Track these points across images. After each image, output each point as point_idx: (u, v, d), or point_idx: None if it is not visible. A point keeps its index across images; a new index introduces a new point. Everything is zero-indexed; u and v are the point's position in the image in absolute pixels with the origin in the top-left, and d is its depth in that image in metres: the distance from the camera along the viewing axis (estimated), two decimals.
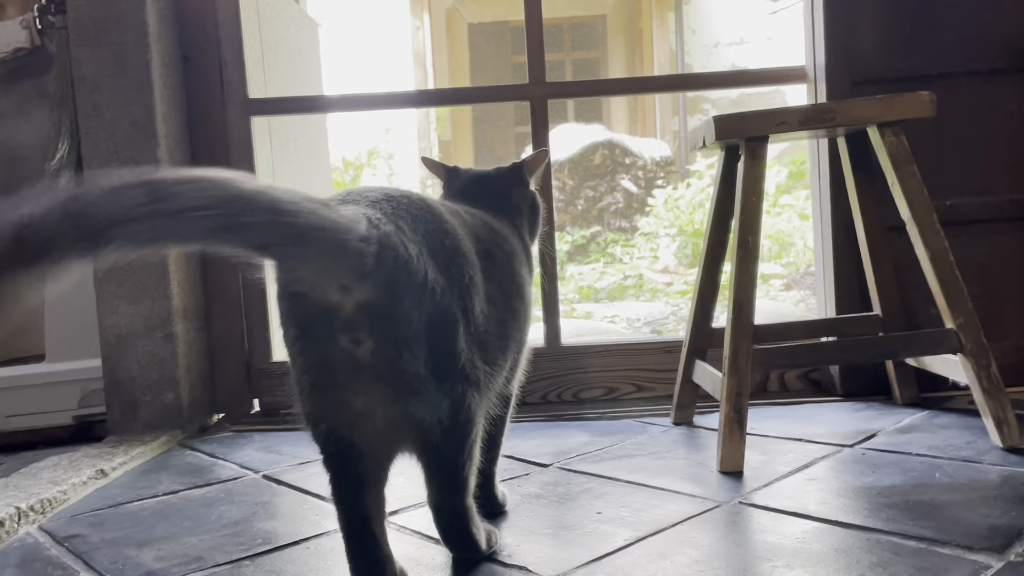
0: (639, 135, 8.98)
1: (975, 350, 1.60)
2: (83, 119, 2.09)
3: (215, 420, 2.27)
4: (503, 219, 1.38)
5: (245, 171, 2.20)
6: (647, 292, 5.25)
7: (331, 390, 1.02)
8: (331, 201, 1.03)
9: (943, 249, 1.63)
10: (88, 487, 1.71)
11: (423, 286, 0.99)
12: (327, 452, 1.08)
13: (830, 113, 1.64)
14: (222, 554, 1.29)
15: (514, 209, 1.43)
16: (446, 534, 1.16)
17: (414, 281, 0.98)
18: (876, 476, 1.45)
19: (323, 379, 1.02)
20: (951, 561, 1.08)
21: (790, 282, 4.74)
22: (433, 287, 1.01)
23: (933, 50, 2.02)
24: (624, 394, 2.21)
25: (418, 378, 1.01)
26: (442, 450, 1.08)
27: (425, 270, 1.00)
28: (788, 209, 5.55)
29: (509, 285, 1.23)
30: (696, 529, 1.26)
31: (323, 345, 0.99)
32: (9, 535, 1.45)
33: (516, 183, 1.46)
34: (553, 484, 1.54)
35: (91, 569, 1.27)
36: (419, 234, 1.02)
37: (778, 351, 1.65)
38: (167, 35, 2.15)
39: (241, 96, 2.24)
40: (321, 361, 1.01)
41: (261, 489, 1.63)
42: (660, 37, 9.29)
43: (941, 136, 2.01)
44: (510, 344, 1.22)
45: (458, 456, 1.09)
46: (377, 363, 0.99)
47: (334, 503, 1.09)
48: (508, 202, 1.43)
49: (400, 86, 8.15)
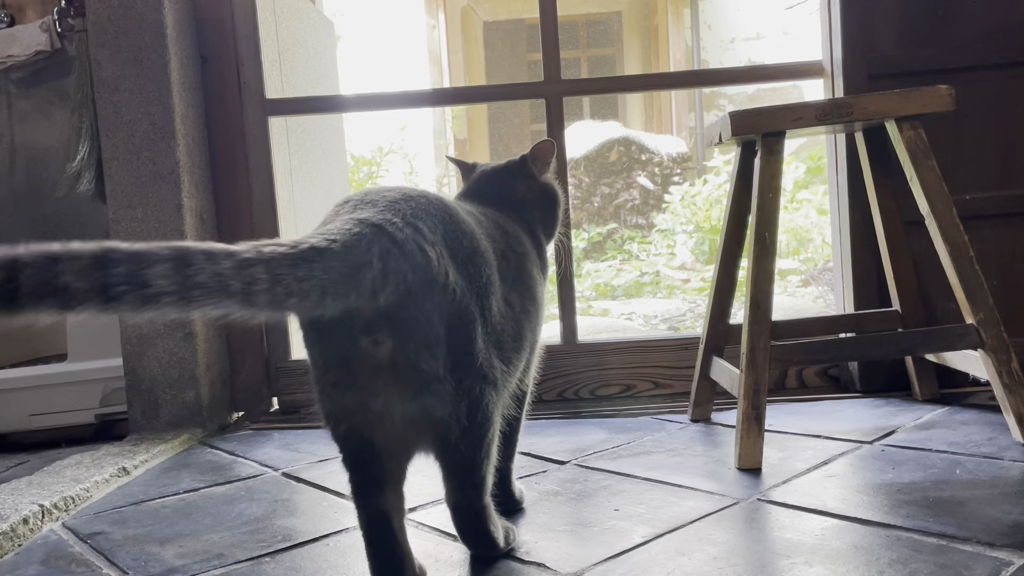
0: (655, 131, 8.95)
1: (995, 345, 1.59)
2: (103, 120, 2.12)
3: (234, 418, 2.29)
4: (513, 217, 1.37)
5: (263, 171, 2.24)
6: (664, 289, 5.23)
7: (350, 390, 1.03)
8: (346, 204, 1.05)
9: (963, 243, 1.62)
10: (110, 485, 1.73)
11: (444, 288, 1.00)
12: (347, 451, 1.09)
13: (847, 108, 1.63)
14: (242, 551, 1.30)
15: (521, 204, 1.41)
16: (464, 532, 1.16)
17: (435, 284, 0.99)
18: (896, 472, 1.44)
19: (343, 379, 1.03)
20: (972, 558, 1.07)
21: (808, 278, 4.71)
22: (454, 288, 1.01)
23: (951, 43, 2.01)
24: (641, 391, 2.21)
25: (437, 378, 1.01)
26: (460, 449, 1.08)
27: (446, 271, 1.00)
28: (806, 204, 5.51)
29: (522, 286, 1.23)
30: (714, 526, 1.26)
31: (343, 346, 1.00)
32: (33, 532, 1.46)
33: (520, 176, 1.44)
34: (571, 481, 1.54)
35: (114, 566, 1.28)
36: (439, 235, 1.02)
37: (796, 347, 1.65)
38: (185, 36, 2.17)
39: (258, 96, 2.25)
40: (341, 361, 1.02)
41: (281, 486, 1.65)
42: (676, 33, 9.25)
43: (960, 130, 1.99)
44: (524, 344, 1.23)
45: (476, 455, 1.09)
46: (396, 364, 1.00)
47: (353, 501, 1.10)
48: (514, 197, 1.41)
49: (416, 85, 8.16)
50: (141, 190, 2.11)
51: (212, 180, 2.26)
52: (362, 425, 1.05)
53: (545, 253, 1.45)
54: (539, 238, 1.43)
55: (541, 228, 1.44)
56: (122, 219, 2.11)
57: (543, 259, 1.42)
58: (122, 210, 2.12)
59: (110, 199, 2.12)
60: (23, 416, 2.23)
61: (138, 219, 2.11)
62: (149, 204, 2.11)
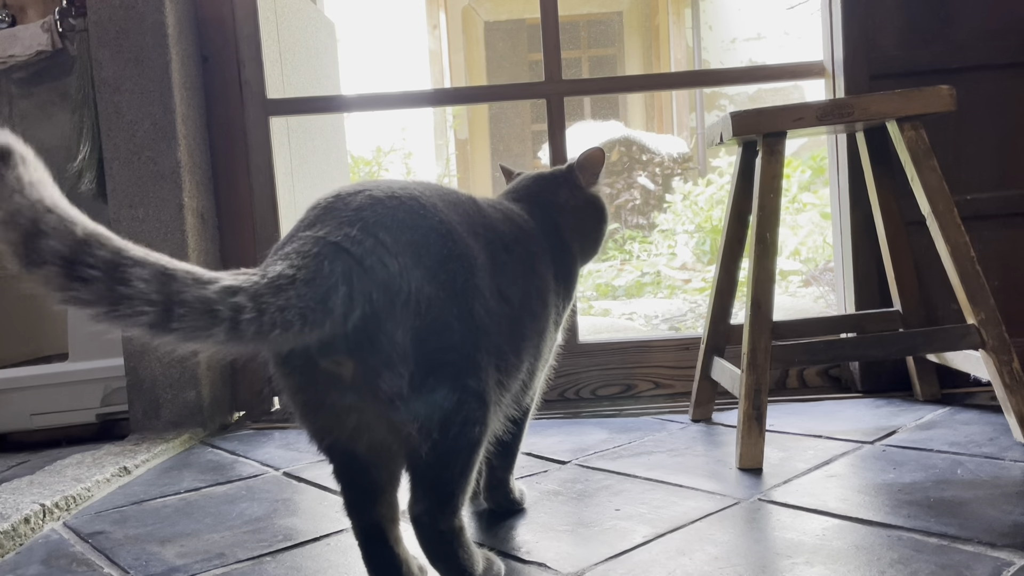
0: (656, 131, 8.95)
1: (997, 346, 1.59)
2: (104, 120, 2.12)
3: (235, 418, 2.29)
4: (543, 220, 1.31)
5: (265, 171, 2.24)
6: (665, 289, 5.23)
7: (322, 409, 1.01)
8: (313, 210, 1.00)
9: (964, 244, 1.62)
10: (111, 484, 1.73)
11: (406, 303, 0.94)
12: (334, 465, 1.09)
13: (848, 108, 1.63)
14: (243, 550, 1.30)
15: (560, 210, 1.36)
16: (430, 554, 1.04)
17: (398, 299, 0.93)
18: (897, 473, 1.44)
19: (312, 400, 1.01)
20: (973, 558, 1.07)
21: (809, 278, 4.71)
22: (418, 300, 0.94)
23: (953, 44, 2.01)
24: (642, 391, 2.21)
25: (400, 396, 0.95)
26: (429, 462, 0.99)
27: (409, 285, 0.94)
28: (808, 206, 5.51)
29: (527, 284, 1.16)
30: (715, 526, 1.26)
31: (306, 368, 0.97)
32: (34, 531, 1.46)
33: (565, 184, 1.39)
34: (571, 481, 1.54)
35: (115, 565, 1.28)
36: (402, 243, 0.95)
37: (797, 347, 1.65)
38: (186, 36, 2.17)
39: (260, 96, 2.26)
40: (307, 383, 0.99)
41: (281, 486, 1.65)
42: (677, 33, 9.25)
43: (961, 130, 1.99)
44: (525, 346, 1.15)
45: (444, 472, 1.01)
46: (358, 383, 0.96)
47: (346, 513, 1.09)
48: (555, 202, 1.36)
49: (417, 85, 8.17)
50: (142, 190, 2.11)
51: (213, 180, 2.26)
52: (343, 441, 1.04)
53: (572, 267, 1.37)
54: (568, 247, 1.36)
55: (578, 240, 1.38)
56: (123, 219, 2.11)
57: (566, 270, 1.34)
58: (123, 210, 2.12)
59: (111, 199, 2.12)
60: (24, 415, 2.23)
61: (139, 219, 2.11)
62: (150, 204, 2.12)
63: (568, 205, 1.37)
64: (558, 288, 1.29)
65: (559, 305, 1.31)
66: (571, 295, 1.38)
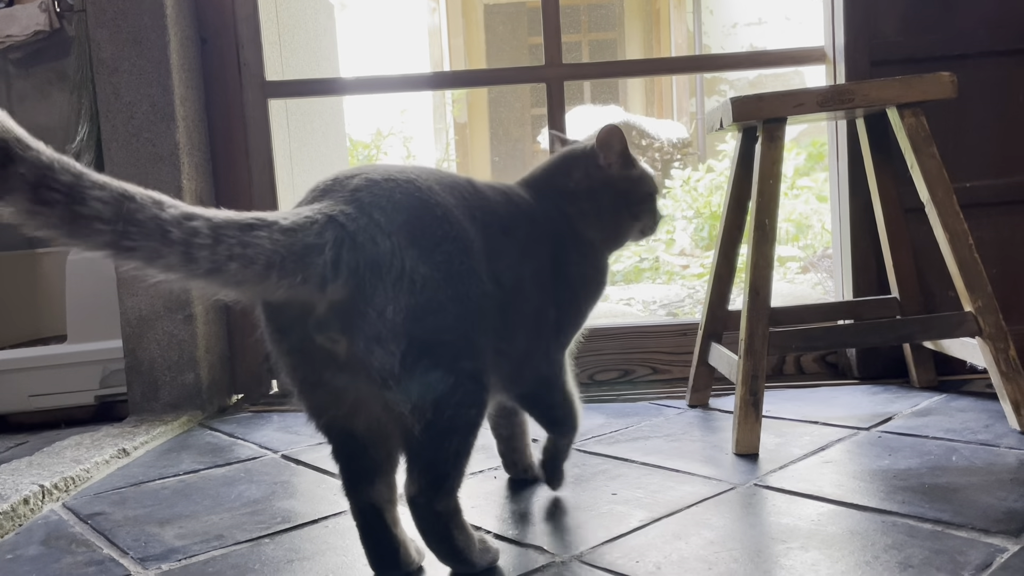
0: (656, 116, 8.92)
1: (994, 333, 1.60)
2: (102, 101, 2.11)
3: (234, 401, 2.30)
4: (547, 201, 1.27)
5: (263, 153, 2.23)
6: (663, 275, 5.23)
7: (319, 387, 1.02)
8: (312, 192, 1.02)
9: (962, 231, 1.62)
10: (110, 466, 1.73)
11: (398, 280, 0.94)
12: (332, 444, 1.09)
13: (849, 94, 1.63)
14: (242, 532, 1.31)
15: (571, 195, 1.30)
16: (426, 535, 1.05)
17: (388, 275, 0.93)
18: (892, 459, 1.45)
19: (309, 377, 1.01)
20: (967, 544, 1.08)
21: (807, 265, 4.71)
22: (412, 279, 0.95)
23: (955, 30, 2.00)
24: (640, 376, 2.22)
25: (392, 374, 0.95)
26: (423, 442, 1.00)
27: (402, 263, 0.94)
28: (805, 191, 5.50)
29: (523, 268, 1.15)
30: (711, 511, 1.27)
31: (303, 344, 0.98)
32: (34, 512, 1.47)
33: (580, 166, 1.31)
34: (569, 465, 1.54)
35: (114, 546, 1.29)
36: (396, 223, 0.96)
37: (794, 334, 1.65)
38: (184, 17, 2.16)
39: (258, 78, 2.25)
40: (304, 360, 1.00)
41: (280, 468, 1.65)
42: (677, 18, 9.20)
43: (962, 117, 1.99)
44: (517, 332, 1.14)
45: (437, 452, 1.01)
46: (352, 360, 0.96)
47: (344, 494, 1.09)
48: (563, 183, 1.30)
49: (416, 68, 8.13)
50: (140, 172, 2.10)
51: (211, 162, 2.25)
52: (340, 418, 1.04)
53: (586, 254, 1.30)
54: (579, 233, 1.29)
55: (594, 225, 1.31)
56: None
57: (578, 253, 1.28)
58: None
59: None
60: (23, 397, 2.23)
61: None
62: (148, 186, 2.05)
63: (581, 188, 1.30)
64: (561, 274, 1.24)
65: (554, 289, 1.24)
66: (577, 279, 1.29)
